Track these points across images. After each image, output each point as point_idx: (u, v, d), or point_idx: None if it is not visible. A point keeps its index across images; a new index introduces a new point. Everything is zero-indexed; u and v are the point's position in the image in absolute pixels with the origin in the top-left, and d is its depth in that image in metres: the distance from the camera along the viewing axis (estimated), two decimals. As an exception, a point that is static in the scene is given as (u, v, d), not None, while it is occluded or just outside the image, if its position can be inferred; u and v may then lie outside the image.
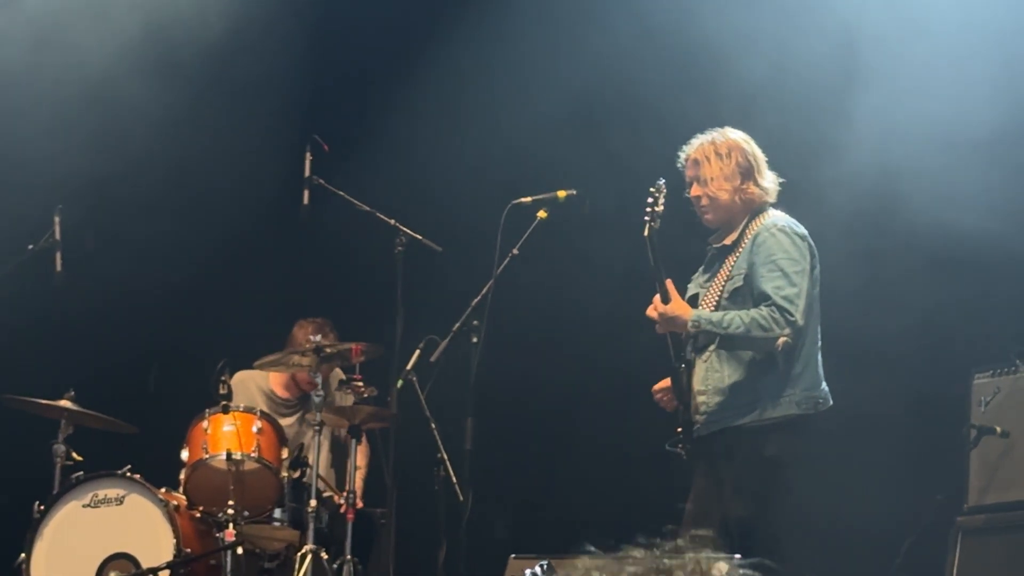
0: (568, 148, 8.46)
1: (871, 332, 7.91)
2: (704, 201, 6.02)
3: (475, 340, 6.62)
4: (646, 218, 5.92)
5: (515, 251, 6.52)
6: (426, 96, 9.10)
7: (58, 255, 7.60)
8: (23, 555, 7.05)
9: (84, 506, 7.10)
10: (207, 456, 7.19)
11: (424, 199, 8.56)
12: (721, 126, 6.14)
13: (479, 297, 6.61)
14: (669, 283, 5.88)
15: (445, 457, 7.22)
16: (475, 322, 6.62)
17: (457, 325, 6.67)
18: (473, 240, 7.04)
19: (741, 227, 5.98)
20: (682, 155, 6.09)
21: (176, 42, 8.67)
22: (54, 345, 8.59)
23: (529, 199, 6.51)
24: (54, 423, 7.31)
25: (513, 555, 5.83)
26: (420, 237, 7.47)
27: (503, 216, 6.44)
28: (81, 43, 8.47)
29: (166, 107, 8.67)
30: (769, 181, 6.05)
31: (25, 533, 7.09)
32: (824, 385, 5.95)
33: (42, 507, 7.11)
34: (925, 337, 7.73)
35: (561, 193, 6.48)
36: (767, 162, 6.08)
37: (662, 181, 5.98)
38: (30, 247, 7.68)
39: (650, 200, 5.94)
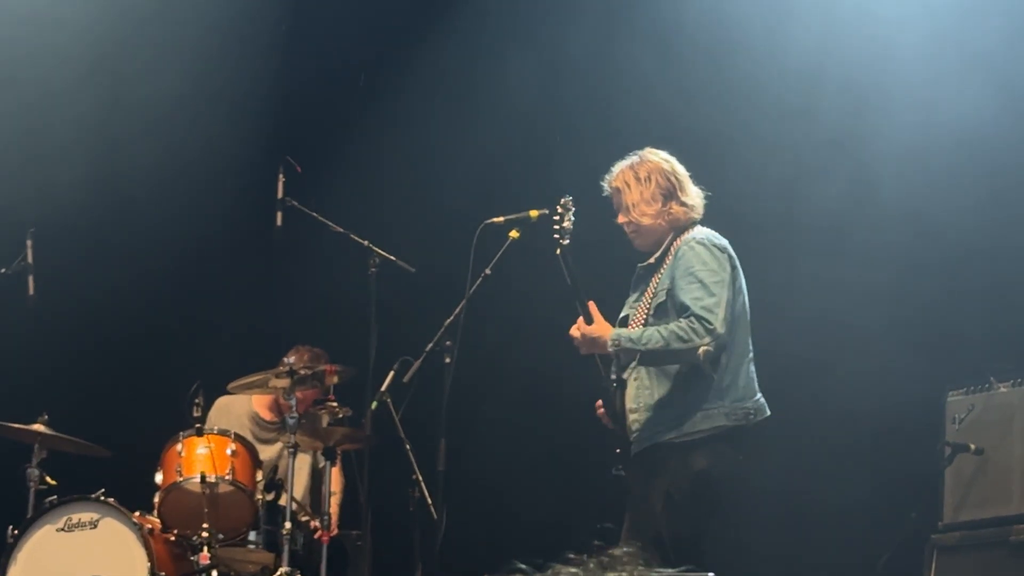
0: (540, 167, 8.48)
1: (844, 349, 7.92)
2: (630, 228, 6.03)
3: (448, 360, 6.61)
4: (555, 236, 5.92)
5: (487, 271, 6.51)
6: (398, 117, 9.11)
7: (31, 279, 7.57)
8: (-3, 580, 7.04)
9: (58, 530, 7.08)
10: (181, 479, 7.18)
11: (397, 220, 8.57)
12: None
13: (452, 317, 6.60)
14: (592, 305, 5.90)
15: (419, 478, 7.22)
16: (448, 342, 6.60)
17: (430, 345, 6.65)
18: (445, 261, 7.03)
19: (665, 245, 5.98)
20: (605, 184, 6.09)
21: (148, 59, 8.67)
22: (27, 369, 8.55)
23: (501, 219, 6.49)
24: (28, 447, 7.29)
25: (487, 574, 5.82)
26: (393, 258, 7.48)
27: (475, 236, 6.42)
28: (48, 57, 8.47)
29: (137, 129, 8.67)
30: (694, 197, 6.01)
31: (-1, 558, 7.07)
32: (759, 396, 5.89)
33: (16, 531, 7.09)
34: (899, 354, 7.74)
35: (533, 213, 6.45)
36: (690, 177, 6.05)
37: (568, 198, 5.97)
38: (2, 271, 7.65)
39: (556, 218, 5.94)
